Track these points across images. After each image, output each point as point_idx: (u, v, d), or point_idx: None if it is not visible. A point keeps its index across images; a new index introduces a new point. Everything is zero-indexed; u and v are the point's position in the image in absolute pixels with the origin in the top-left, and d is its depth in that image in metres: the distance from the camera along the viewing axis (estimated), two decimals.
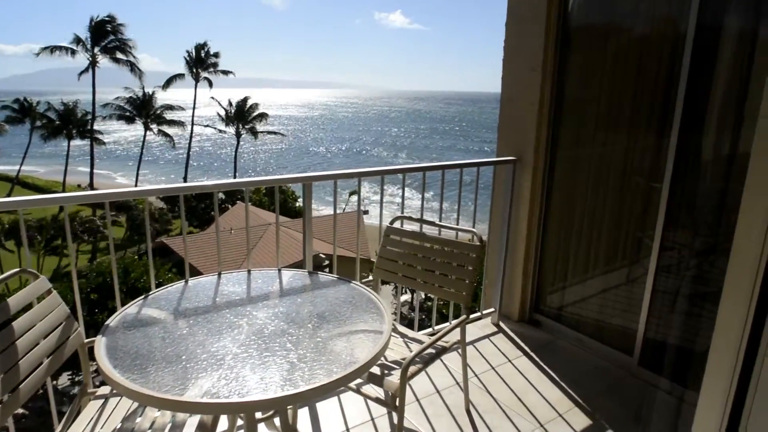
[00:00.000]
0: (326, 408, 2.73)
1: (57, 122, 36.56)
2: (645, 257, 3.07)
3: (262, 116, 41.65)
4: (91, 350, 2.09)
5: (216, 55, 41.01)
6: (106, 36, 35.59)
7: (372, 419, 2.64)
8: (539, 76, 3.39)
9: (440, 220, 2.93)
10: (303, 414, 2.67)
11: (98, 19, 35.35)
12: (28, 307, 1.89)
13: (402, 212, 2.87)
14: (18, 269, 1.96)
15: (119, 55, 36.08)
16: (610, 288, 3.37)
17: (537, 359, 3.28)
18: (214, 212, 2.60)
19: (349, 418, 2.65)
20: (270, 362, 1.64)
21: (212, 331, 1.83)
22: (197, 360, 1.64)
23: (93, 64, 35.50)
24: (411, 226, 2.79)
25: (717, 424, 1.22)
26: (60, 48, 35.59)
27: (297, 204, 29.00)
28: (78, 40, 35.23)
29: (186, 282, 2.26)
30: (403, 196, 3.08)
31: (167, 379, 1.54)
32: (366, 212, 19.26)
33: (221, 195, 32.14)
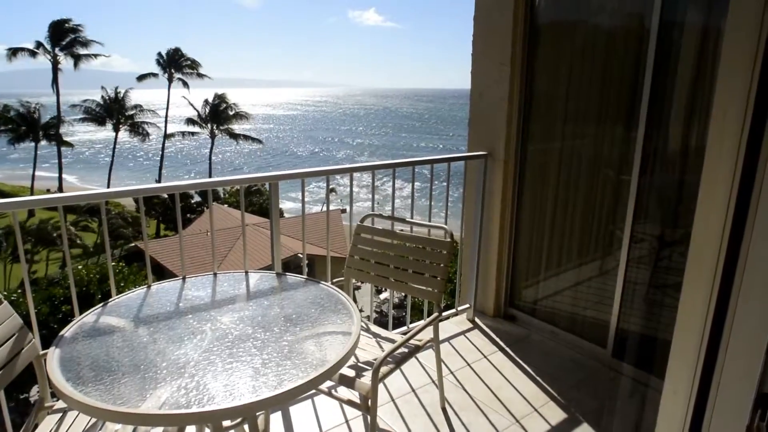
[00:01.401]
0: (300, 412, 2.67)
1: (22, 126, 35.52)
2: (616, 249, 3.09)
3: (239, 117, 41.10)
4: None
5: (193, 63, 40.42)
6: (65, 36, 34.89)
7: (347, 421, 2.60)
8: (508, 70, 3.39)
9: (412, 217, 2.90)
10: (276, 419, 2.61)
11: (56, 21, 34.82)
12: None
13: (373, 210, 2.83)
14: None
15: (81, 51, 35.38)
16: (583, 281, 3.39)
17: (512, 354, 3.28)
18: (177, 215, 2.51)
19: (324, 421, 2.60)
20: (235, 368, 1.58)
21: (173, 338, 1.76)
22: (157, 369, 1.57)
23: (55, 64, 34.73)
24: (383, 224, 2.74)
25: (683, 412, 1.22)
26: (22, 50, 34.73)
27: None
28: (39, 44, 34.50)
29: (148, 287, 2.18)
30: (373, 193, 3.03)
31: (125, 390, 1.47)
32: (344, 210, 19.16)
33: (197, 197, 31.65)
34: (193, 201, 31.79)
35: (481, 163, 3.53)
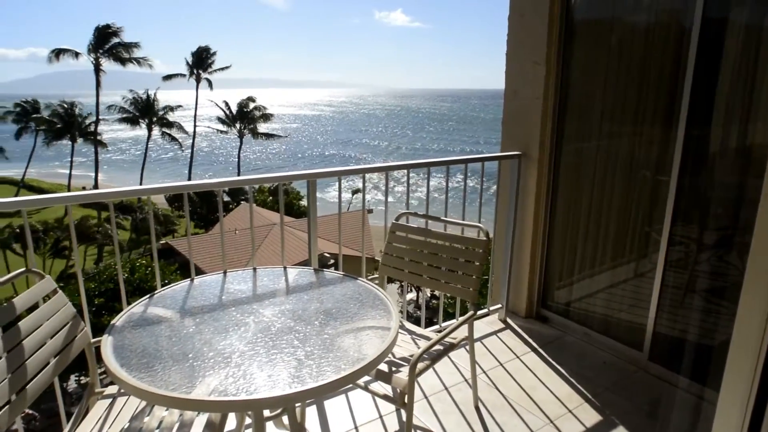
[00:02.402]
0: (334, 406, 2.71)
1: (59, 125, 36.89)
2: (653, 252, 3.04)
3: (266, 117, 41.71)
4: (97, 350, 2.09)
5: (213, 54, 41.23)
6: (108, 40, 36.12)
7: (380, 417, 2.63)
8: (543, 69, 3.37)
9: (446, 216, 2.91)
10: (311, 412, 2.66)
11: (101, 26, 36.01)
12: (34, 307, 1.88)
13: (407, 208, 2.86)
14: (23, 269, 1.96)
15: (124, 54, 36.60)
16: (618, 283, 3.34)
17: (545, 355, 3.26)
18: (219, 209, 2.58)
19: (358, 416, 2.64)
20: (277, 360, 1.63)
21: (219, 329, 1.82)
22: (204, 358, 1.63)
23: (97, 66, 35.94)
24: (418, 223, 2.77)
25: (739, 421, 1.20)
26: (66, 51, 36.07)
27: (301, 203, 29.02)
28: (89, 47, 35.95)
29: (192, 280, 2.25)
30: (408, 192, 3.05)
31: (175, 377, 1.53)
32: (370, 211, 19.26)
33: (225, 196, 32.25)
34: (219, 200, 32.37)
35: (514, 162, 3.52)
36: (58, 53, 36.17)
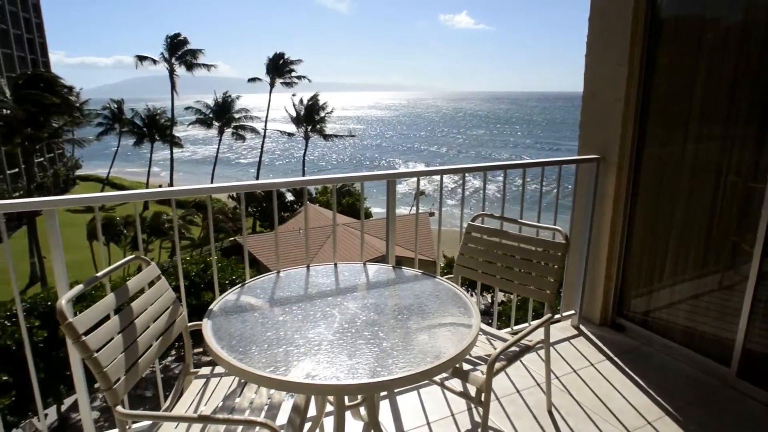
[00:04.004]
0: (406, 401, 2.77)
1: (143, 128, 39.90)
2: (743, 263, 2.87)
3: (330, 119, 42.75)
4: (191, 333, 2.26)
5: (292, 62, 43.01)
6: (179, 47, 39.20)
7: (452, 414, 2.66)
8: (625, 71, 3.27)
9: (521, 218, 2.90)
10: (383, 406, 2.73)
11: (172, 35, 39.72)
12: (139, 292, 2.06)
13: (483, 210, 2.87)
14: (133, 256, 2.16)
15: (192, 60, 39.58)
16: (703, 294, 3.18)
17: (621, 364, 3.16)
18: (304, 205, 2.71)
19: (429, 412, 2.68)
20: (364, 350, 1.70)
21: (308, 318, 1.92)
22: (297, 345, 1.73)
23: (171, 72, 38.96)
24: (493, 224, 2.77)
25: None
26: (146, 58, 39.36)
27: (365, 205, 29.44)
28: (164, 55, 39.14)
29: (278, 273, 2.38)
30: (484, 194, 3.06)
31: (270, 360, 1.64)
32: (432, 214, 19.21)
33: (290, 196, 33.27)
34: (287, 200, 33.51)
35: (592, 166, 3.43)
36: (141, 59, 39.50)
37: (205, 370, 2.24)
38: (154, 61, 39.99)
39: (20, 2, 44.96)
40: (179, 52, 39.92)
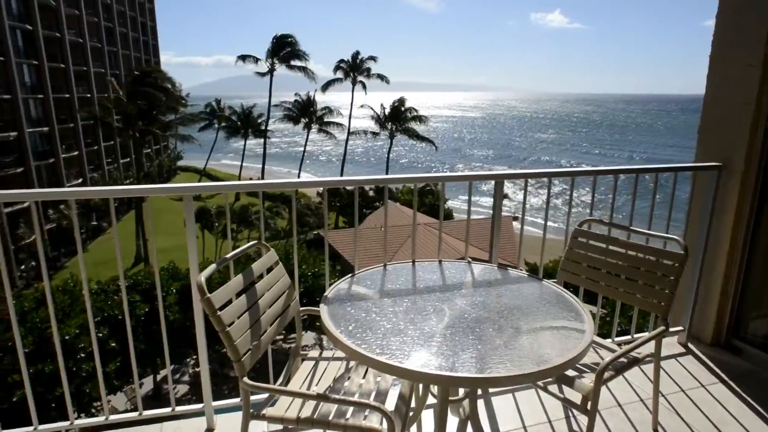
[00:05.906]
0: (501, 404, 2.75)
1: (238, 123, 42.60)
2: None
3: (417, 119, 42.89)
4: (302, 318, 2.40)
5: (371, 59, 43.78)
6: (283, 48, 41.19)
7: (549, 421, 2.61)
8: (758, 72, 3.02)
9: (631, 226, 2.77)
10: (479, 408, 2.73)
11: (279, 35, 41.86)
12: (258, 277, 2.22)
13: (591, 215, 2.78)
14: (254, 242, 2.32)
15: (294, 63, 41.56)
16: None
17: (737, 389, 2.93)
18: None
19: (525, 416, 2.65)
20: (473, 346, 1.72)
21: (419, 310, 1.98)
22: (412, 335, 1.79)
23: (271, 71, 41.22)
24: (602, 231, 2.68)
25: None
26: (248, 57, 42.11)
27: (446, 205, 29.36)
28: (268, 54, 41.50)
29: (384, 266, 2.46)
30: (593, 200, 2.97)
31: (386, 348, 1.70)
32: (516, 218, 18.77)
33: (371, 193, 33.85)
34: (370, 194, 34.20)
35: (712, 174, 3.21)
36: (242, 59, 42.16)
37: (314, 353, 2.36)
38: (256, 60, 42.48)
39: (138, 7, 49.34)
40: (282, 52, 42.05)
